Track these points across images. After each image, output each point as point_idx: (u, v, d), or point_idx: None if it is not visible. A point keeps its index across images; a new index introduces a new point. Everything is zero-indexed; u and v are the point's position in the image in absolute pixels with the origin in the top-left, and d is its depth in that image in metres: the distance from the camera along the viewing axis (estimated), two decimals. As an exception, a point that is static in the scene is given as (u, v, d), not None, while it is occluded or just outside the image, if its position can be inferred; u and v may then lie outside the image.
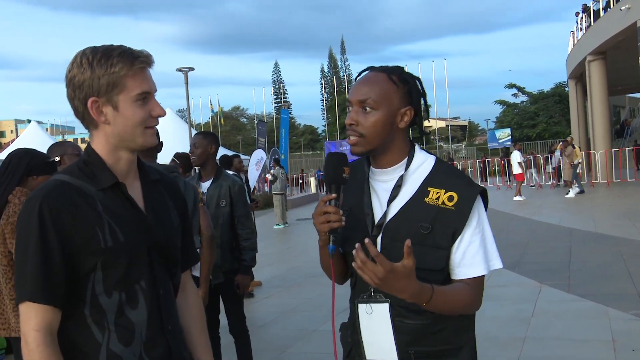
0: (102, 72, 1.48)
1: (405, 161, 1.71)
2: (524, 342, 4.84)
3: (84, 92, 1.50)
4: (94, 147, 1.57)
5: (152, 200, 1.64)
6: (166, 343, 1.59)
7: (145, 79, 1.54)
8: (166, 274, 1.65)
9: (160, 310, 1.59)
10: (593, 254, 8.39)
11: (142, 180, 1.65)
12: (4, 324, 2.87)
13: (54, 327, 1.46)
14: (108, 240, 1.49)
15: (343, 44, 71.38)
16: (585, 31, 24.91)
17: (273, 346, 5.24)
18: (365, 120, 1.65)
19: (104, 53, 1.50)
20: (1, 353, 5.01)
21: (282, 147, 25.02)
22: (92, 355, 1.49)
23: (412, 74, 1.74)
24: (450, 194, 1.63)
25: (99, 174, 1.54)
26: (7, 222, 2.81)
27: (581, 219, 12.16)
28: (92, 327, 1.50)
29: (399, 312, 1.66)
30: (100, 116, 1.52)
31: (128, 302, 1.53)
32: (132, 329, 1.53)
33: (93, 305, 1.50)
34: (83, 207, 1.48)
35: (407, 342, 1.66)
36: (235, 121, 66.80)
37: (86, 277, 1.49)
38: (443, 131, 53.06)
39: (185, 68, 18.43)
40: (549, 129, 42.76)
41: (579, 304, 5.89)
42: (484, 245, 1.66)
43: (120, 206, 1.54)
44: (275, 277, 8.39)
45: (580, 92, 28.71)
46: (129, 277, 1.53)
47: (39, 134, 27.82)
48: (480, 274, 1.65)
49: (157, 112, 1.56)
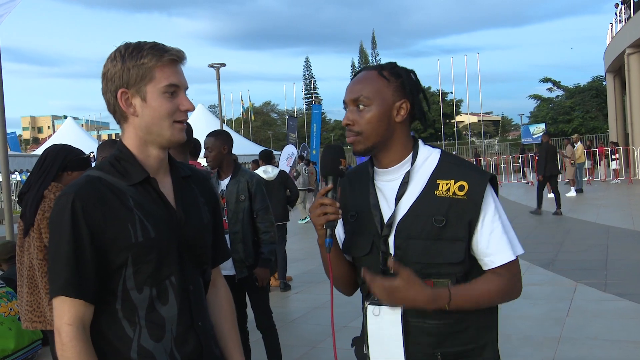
0: (132, 64, 1.51)
1: (410, 157, 1.69)
2: (559, 341, 4.74)
3: (115, 84, 1.53)
4: (125, 143, 1.58)
5: (183, 196, 1.64)
6: (197, 339, 1.59)
7: (174, 73, 1.55)
8: (196, 270, 1.65)
9: (190, 306, 1.59)
10: (631, 252, 8.17)
11: (173, 176, 1.65)
12: (40, 316, 2.93)
13: (86, 321, 1.48)
14: (139, 236, 1.49)
15: (374, 39, 70.95)
16: (624, 23, 24.21)
17: (303, 341, 5.24)
18: (361, 118, 1.65)
19: (135, 47, 1.53)
20: (38, 344, 5.13)
21: (314, 143, 25.03)
22: (124, 350, 1.51)
23: (405, 68, 1.71)
24: (460, 184, 1.61)
25: (131, 170, 1.55)
26: (43, 217, 2.86)
27: (619, 217, 11.86)
28: (124, 322, 1.51)
29: (420, 312, 1.60)
30: (129, 107, 1.54)
31: (159, 297, 1.53)
32: (163, 325, 1.54)
33: (124, 301, 1.51)
34: (115, 203, 1.50)
35: (432, 344, 1.62)
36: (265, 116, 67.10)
37: (117, 272, 1.50)
38: (475, 126, 52.37)
39: (217, 64, 18.57)
40: (586, 124, 41.76)
41: (616, 303, 5.74)
42: (506, 230, 1.63)
43: (151, 202, 1.55)
44: (306, 272, 8.40)
45: (618, 86, 27.97)
46: (160, 272, 1.53)
47: (75, 129, 28.39)
48: (509, 260, 1.61)
49: (185, 107, 1.56)
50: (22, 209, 3.01)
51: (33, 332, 5.01)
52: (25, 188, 3.06)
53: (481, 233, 1.61)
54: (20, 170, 17.18)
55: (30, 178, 3.08)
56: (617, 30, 25.64)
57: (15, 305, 4.94)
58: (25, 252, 2.99)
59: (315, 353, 4.95)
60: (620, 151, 22.18)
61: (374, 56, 68.21)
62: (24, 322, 3.00)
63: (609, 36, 28.02)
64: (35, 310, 2.95)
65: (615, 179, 21.56)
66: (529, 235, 10.29)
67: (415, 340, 1.62)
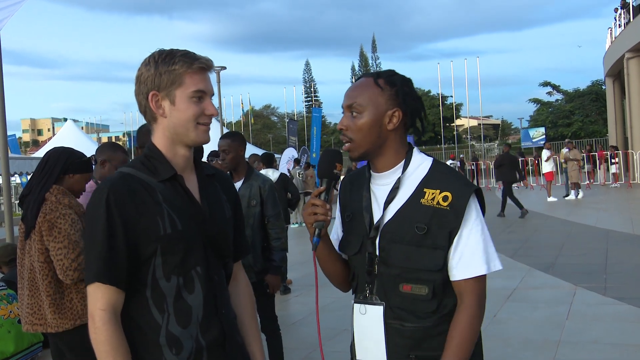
0: (164, 70, 1.64)
1: (402, 164, 1.72)
2: (559, 345, 4.74)
3: (147, 87, 1.66)
4: (155, 142, 1.71)
5: (207, 193, 1.76)
6: (220, 326, 1.70)
7: (202, 80, 1.67)
8: (219, 262, 1.76)
9: (215, 295, 1.70)
10: (631, 256, 8.18)
11: (198, 174, 1.78)
12: (41, 319, 2.94)
13: (117, 307, 1.59)
14: (167, 228, 1.61)
15: (374, 42, 70.97)
16: (624, 28, 24.27)
17: (304, 344, 5.25)
18: (354, 124, 1.70)
19: (168, 54, 1.66)
20: (38, 347, 5.14)
21: (314, 146, 25.05)
22: (153, 335, 1.62)
23: (403, 77, 1.74)
24: (445, 194, 1.64)
25: (159, 167, 1.67)
26: (44, 220, 2.87)
27: (619, 220, 11.88)
28: (153, 309, 1.62)
29: (398, 314, 1.66)
30: (158, 109, 1.66)
31: (185, 286, 1.65)
32: (190, 312, 1.65)
33: (154, 289, 1.62)
34: (145, 197, 1.62)
35: (408, 346, 1.66)
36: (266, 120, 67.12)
37: (147, 262, 1.61)
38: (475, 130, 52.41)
39: (217, 67, 18.63)
40: (585, 128, 41.82)
41: (616, 307, 5.75)
42: (483, 244, 1.65)
43: (178, 197, 1.67)
44: (306, 275, 8.40)
45: (618, 91, 28.02)
46: (186, 263, 1.65)
47: (75, 132, 28.41)
48: (480, 274, 1.63)
49: (210, 111, 1.68)
50: (24, 211, 3.02)
51: (33, 335, 5.01)
52: (26, 191, 3.06)
53: (457, 244, 1.63)
54: (20, 173, 17.19)
55: (31, 181, 3.09)
56: (616, 35, 25.70)
57: (16, 307, 4.94)
58: (27, 254, 2.99)
59: (316, 356, 4.95)
60: (620, 155, 22.21)
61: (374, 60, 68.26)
62: (25, 324, 3.01)
63: (608, 40, 28.08)
64: (36, 312, 2.95)
65: (615, 183, 21.58)
66: (528, 239, 10.30)
67: (392, 341, 1.67)
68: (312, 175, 17.80)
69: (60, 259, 2.81)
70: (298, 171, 16.44)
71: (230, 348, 1.73)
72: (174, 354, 1.62)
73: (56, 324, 2.89)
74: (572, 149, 19.01)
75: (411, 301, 1.64)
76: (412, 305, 1.64)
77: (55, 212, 2.88)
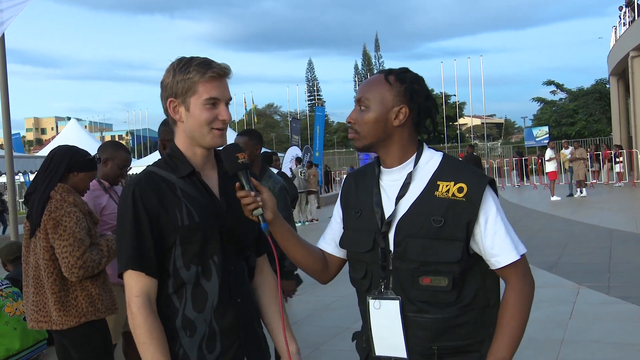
0: (181, 78, 1.76)
1: (412, 159, 1.74)
2: (562, 344, 4.75)
3: (167, 93, 1.79)
4: (176, 143, 1.84)
5: (227, 188, 1.85)
6: (235, 314, 1.80)
7: (215, 87, 1.77)
8: (238, 254, 1.87)
9: (230, 284, 1.80)
10: (635, 255, 8.16)
11: (220, 172, 1.89)
12: (46, 317, 2.95)
13: (152, 294, 1.73)
14: (185, 220, 1.74)
15: (377, 41, 71.03)
16: (628, 26, 24.18)
17: (307, 343, 5.25)
18: (361, 118, 1.74)
19: (186, 62, 1.77)
20: (43, 344, 5.16)
21: (317, 145, 25.05)
22: (171, 318, 1.75)
23: (414, 75, 1.76)
24: (459, 185, 1.66)
25: (179, 165, 1.81)
26: (49, 218, 2.89)
27: (623, 220, 11.85)
28: (173, 296, 1.76)
29: (418, 307, 1.67)
30: (176, 114, 1.80)
31: (203, 274, 1.77)
32: (205, 298, 1.77)
33: (175, 277, 1.75)
34: (166, 192, 1.76)
35: (429, 338, 1.67)
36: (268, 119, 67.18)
37: (169, 252, 1.75)
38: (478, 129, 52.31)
39: (221, 66, 18.60)
40: (589, 127, 41.70)
41: (619, 306, 5.74)
42: (507, 231, 1.68)
43: (197, 192, 1.79)
44: (309, 274, 8.39)
45: (622, 89, 27.92)
46: (204, 252, 1.76)
47: (78, 131, 28.51)
48: (515, 259, 1.67)
49: (223, 117, 1.79)
50: (29, 209, 3.03)
51: (38, 332, 5.03)
52: (31, 189, 3.08)
53: (485, 235, 1.65)
54: (23, 172, 17.23)
55: (36, 179, 3.10)
56: (621, 33, 25.61)
57: (21, 305, 4.97)
58: (32, 252, 3.01)
59: (318, 355, 4.97)
60: (624, 154, 22.15)
61: (377, 59, 68.26)
62: (30, 322, 3.03)
63: (613, 39, 27.98)
64: (41, 310, 2.97)
65: (619, 182, 21.53)
66: (532, 237, 10.29)
67: (413, 334, 1.68)
68: (314, 174, 17.80)
69: (66, 257, 2.82)
70: (300, 170, 16.45)
71: (245, 336, 1.82)
72: (187, 336, 1.74)
73: (61, 321, 2.90)
74: (577, 147, 19.05)
75: (431, 293, 1.65)
76: (432, 297, 1.66)
77: (60, 210, 2.89)
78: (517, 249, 1.67)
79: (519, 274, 1.68)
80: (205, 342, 1.75)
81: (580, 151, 18.67)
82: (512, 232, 1.70)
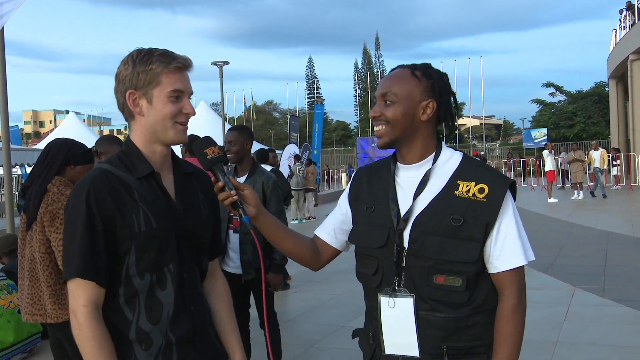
0: (142, 69, 1.64)
1: (432, 156, 1.73)
2: (556, 345, 4.76)
3: (125, 86, 1.67)
4: (132, 139, 1.72)
5: (184, 191, 1.77)
6: (190, 322, 1.71)
7: (179, 79, 1.67)
8: (193, 259, 1.77)
9: (183, 292, 1.71)
10: (630, 258, 8.19)
11: (176, 172, 1.78)
12: (40, 309, 2.94)
13: (99, 303, 1.61)
14: (142, 226, 1.62)
15: (378, 40, 70.97)
16: (628, 29, 24.20)
17: (302, 340, 5.25)
18: (387, 112, 1.70)
19: (146, 53, 1.67)
20: (37, 337, 5.15)
21: (315, 143, 25.03)
22: (123, 330, 1.64)
23: (439, 71, 1.76)
24: (481, 186, 1.65)
25: (137, 164, 1.68)
26: (46, 210, 2.88)
27: (619, 223, 11.88)
28: (124, 306, 1.64)
29: (431, 305, 1.66)
30: (136, 107, 1.67)
31: (158, 283, 1.66)
32: (161, 309, 1.67)
33: (127, 286, 1.64)
34: (123, 195, 1.63)
35: (439, 337, 1.66)
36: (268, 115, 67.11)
37: (122, 258, 1.63)
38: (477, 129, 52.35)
39: (220, 62, 18.58)
40: (587, 129, 41.74)
41: (614, 309, 5.76)
42: (520, 236, 1.67)
43: (154, 195, 1.68)
44: (305, 272, 8.39)
45: (621, 93, 27.95)
46: (160, 260, 1.66)
47: (77, 124, 28.41)
48: (519, 264, 1.66)
49: (187, 110, 1.69)
50: (25, 202, 3.02)
51: (32, 325, 5.02)
52: (28, 182, 3.07)
53: (496, 237, 1.65)
54: (21, 164, 17.18)
55: (33, 172, 3.09)
56: (621, 37, 25.64)
57: (15, 297, 4.96)
58: (27, 245, 3.00)
59: (314, 352, 4.97)
60: (622, 157, 22.19)
61: (378, 57, 68.23)
62: (24, 314, 3.02)
63: (612, 42, 28.01)
64: (36, 303, 2.96)
65: (616, 185, 21.57)
66: (529, 239, 10.29)
67: (424, 332, 1.67)
68: (312, 172, 17.79)
69: (62, 250, 2.82)
70: (299, 167, 16.43)
71: (200, 344, 1.74)
72: (143, 349, 1.64)
73: (56, 314, 2.90)
74: (576, 150, 19.15)
75: (444, 292, 1.64)
76: (445, 296, 1.64)
77: (57, 203, 2.89)
78: (525, 254, 1.67)
79: (515, 284, 1.67)
80: (162, 354, 1.65)
81: (579, 153, 18.74)
82: (525, 237, 1.69)
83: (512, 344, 1.65)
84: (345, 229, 1.88)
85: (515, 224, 1.67)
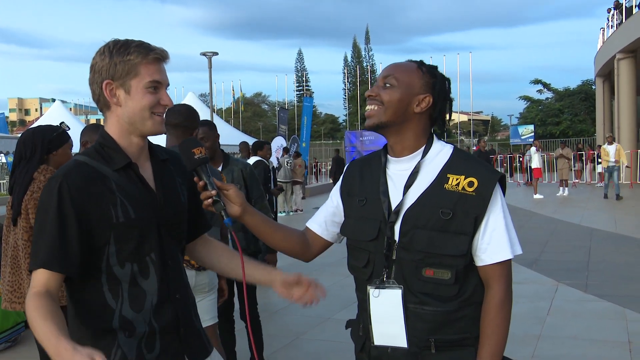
0: (119, 60, 1.64)
1: (422, 149, 1.74)
2: (539, 339, 4.81)
3: (102, 76, 1.65)
4: (108, 131, 1.71)
5: (162, 179, 1.77)
6: (174, 311, 1.72)
7: (157, 70, 1.68)
8: (175, 247, 1.78)
9: (168, 280, 1.72)
10: (613, 254, 8.29)
11: (153, 160, 1.78)
12: (20, 297, 2.93)
13: (52, 288, 1.55)
14: (120, 217, 1.62)
15: (368, 34, 70.64)
16: (616, 28, 24.39)
17: (287, 332, 5.27)
18: (384, 93, 1.71)
19: (123, 44, 1.66)
20: (21, 326, 5.12)
21: (304, 135, 25.01)
22: (107, 320, 1.64)
23: (444, 75, 1.78)
24: (470, 180, 1.66)
25: (114, 156, 1.68)
26: (31, 198, 2.86)
27: (603, 219, 12.02)
28: (107, 294, 1.65)
29: (420, 299, 1.67)
30: (112, 97, 1.67)
31: (140, 272, 1.67)
32: (144, 297, 1.67)
33: (109, 275, 1.64)
34: (99, 186, 1.62)
35: (427, 330, 1.67)
36: (256, 107, 66.88)
37: (102, 249, 1.63)
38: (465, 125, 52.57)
39: (209, 52, 18.49)
40: (574, 126, 42.11)
41: (596, 304, 5.83)
42: (507, 229, 1.69)
43: (133, 185, 1.68)
44: (292, 264, 8.39)
45: (607, 91, 28.20)
46: (141, 250, 1.67)
47: (63, 113, 28.08)
48: (507, 258, 1.67)
49: (165, 102, 1.70)
50: (12, 198, 2.99)
51: (17, 314, 4.99)
52: (12, 181, 3.05)
53: (484, 230, 1.66)
54: (6, 152, 17.01)
55: (14, 170, 3.06)
56: (608, 35, 25.82)
57: (-1, 286, 4.92)
58: (12, 232, 2.98)
59: (299, 343, 4.98)
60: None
61: (367, 51, 68.08)
62: (4, 302, 3.00)
63: (600, 40, 28.21)
64: (16, 290, 2.94)
65: (600, 182, 21.77)
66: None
67: (412, 325, 1.68)
68: (300, 164, 17.77)
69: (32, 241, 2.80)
70: (287, 160, 16.41)
71: (185, 333, 1.75)
72: (126, 337, 1.64)
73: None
74: (564, 147, 19.22)
75: (433, 285, 1.66)
76: (434, 289, 1.66)
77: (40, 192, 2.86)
78: (511, 248, 1.68)
79: (502, 278, 1.68)
80: (145, 341, 1.66)
81: (567, 150, 18.82)
82: (512, 231, 1.70)
83: (498, 337, 1.67)
84: (337, 221, 1.89)
85: (504, 218, 1.68)
